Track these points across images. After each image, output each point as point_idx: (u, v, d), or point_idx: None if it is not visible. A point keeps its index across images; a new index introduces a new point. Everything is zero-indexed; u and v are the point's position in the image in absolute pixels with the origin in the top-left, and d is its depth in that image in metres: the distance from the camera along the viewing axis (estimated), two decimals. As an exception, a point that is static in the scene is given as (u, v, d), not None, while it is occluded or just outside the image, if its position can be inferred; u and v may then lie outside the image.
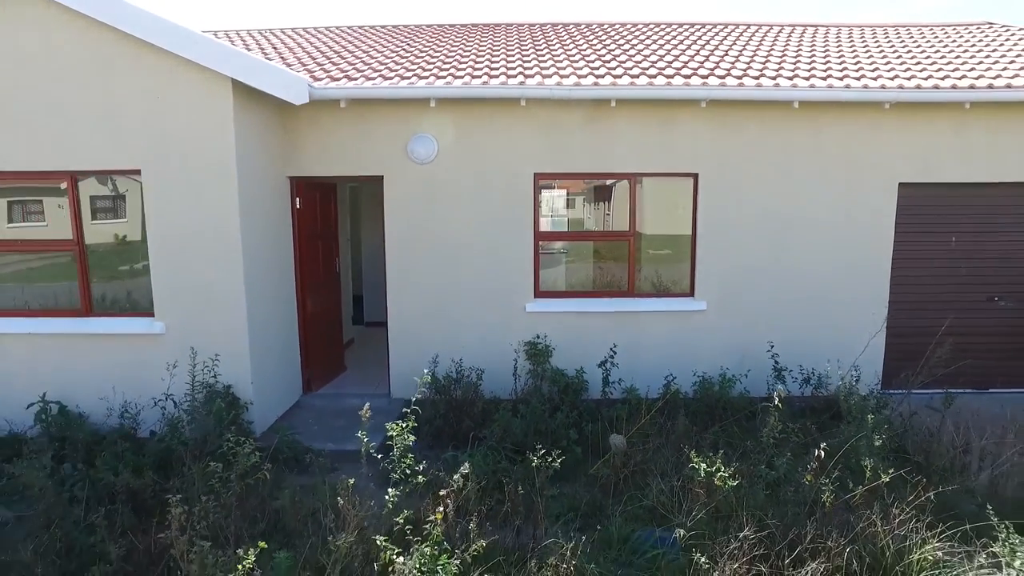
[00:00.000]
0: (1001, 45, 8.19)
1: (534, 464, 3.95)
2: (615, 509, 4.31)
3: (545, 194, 7.00)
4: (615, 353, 6.28)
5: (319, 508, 3.82)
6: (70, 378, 5.78)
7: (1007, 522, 3.62)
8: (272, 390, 6.24)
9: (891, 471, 4.00)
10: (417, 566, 2.87)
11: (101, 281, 6.01)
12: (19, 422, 5.69)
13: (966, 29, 9.42)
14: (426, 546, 2.97)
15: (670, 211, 7.05)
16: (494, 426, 5.38)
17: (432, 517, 3.19)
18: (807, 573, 3.33)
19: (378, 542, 3.10)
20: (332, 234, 7.84)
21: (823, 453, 4.04)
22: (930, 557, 3.51)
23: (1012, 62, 7.24)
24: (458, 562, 3.06)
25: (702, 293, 6.93)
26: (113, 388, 5.77)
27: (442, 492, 3.42)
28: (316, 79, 6.41)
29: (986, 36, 8.81)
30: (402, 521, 3.26)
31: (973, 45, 8.26)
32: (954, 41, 8.58)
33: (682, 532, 3.66)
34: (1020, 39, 8.52)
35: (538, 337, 6.77)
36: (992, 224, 7.05)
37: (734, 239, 6.85)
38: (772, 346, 6.65)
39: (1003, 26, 9.45)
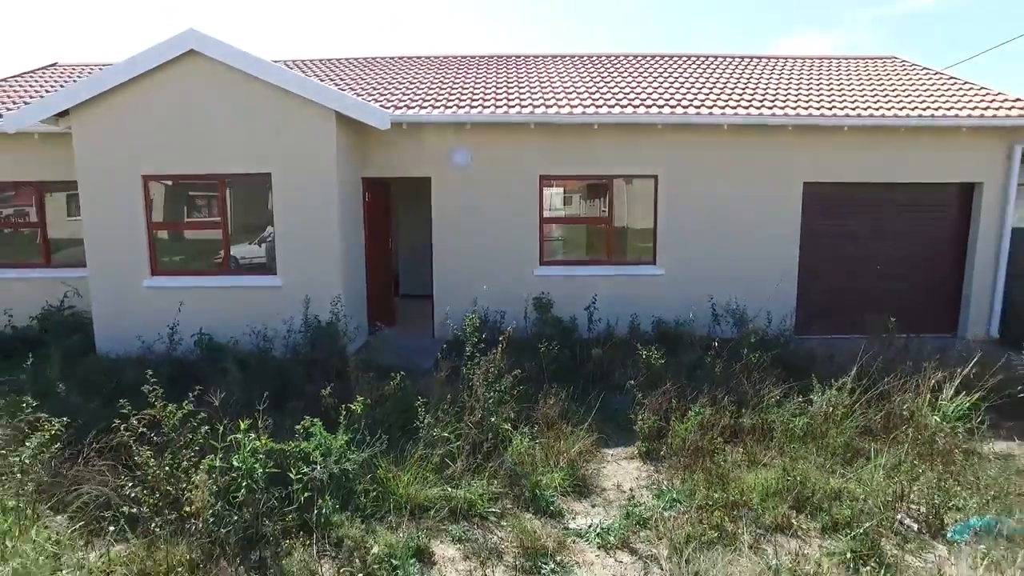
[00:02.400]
0: (888, 79, 10.81)
1: (541, 351, 6.56)
2: (593, 388, 6.86)
3: (547, 191, 9.61)
4: (595, 301, 8.85)
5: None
6: (219, 319, 8.30)
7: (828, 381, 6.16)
8: (354, 330, 8.81)
9: (758, 358, 6.59)
10: (485, 381, 5.47)
11: (239, 250, 8.60)
12: (182, 350, 8.19)
13: (872, 63, 12.02)
14: (492, 367, 5.56)
15: (641, 203, 9.67)
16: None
17: (494, 353, 5.73)
18: (698, 405, 5.90)
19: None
20: (387, 220, 10.44)
21: (716, 344, 6.65)
22: (775, 397, 6.09)
23: (885, 95, 9.87)
24: (508, 382, 5.64)
25: (661, 262, 9.56)
26: (248, 326, 8.31)
27: (500, 338, 5.99)
28: (386, 109, 9.00)
29: (884, 71, 11.43)
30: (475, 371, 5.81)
31: (870, 79, 10.87)
32: (856, 74, 11.17)
33: (631, 384, 6.20)
34: (910, 75, 11.14)
35: (543, 293, 9.36)
36: (871, 212, 9.69)
37: (684, 222, 9.47)
38: (711, 299, 9.23)
39: (903, 62, 12.08)
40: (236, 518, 4.07)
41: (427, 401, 5.52)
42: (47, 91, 10.71)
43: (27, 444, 4.28)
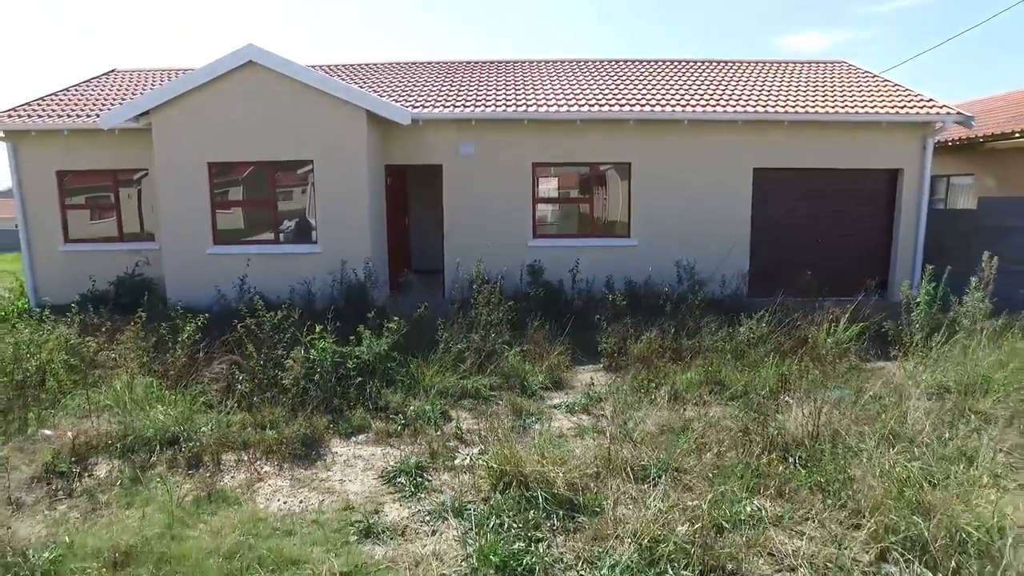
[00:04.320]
0: (832, 82, 12.65)
1: (531, 294, 8.43)
2: (572, 328, 8.70)
3: (541, 179, 11.49)
4: (578, 264, 10.69)
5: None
6: (269, 280, 10.15)
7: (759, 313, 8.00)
8: (379, 289, 10.68)
9: (700, 302, 8.45)
10: (487, 306, 7.35)
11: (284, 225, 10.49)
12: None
13: (823, 67, 13.86)
14: (493, 297, 7.43)
15: (618, 186, 11.55)
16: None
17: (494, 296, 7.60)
18: (649, 333, 7.74)
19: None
20: (404, 201, 12.33)
21: (672, 295, 8.52)
22: (711, 329, 7.93)
23: (825, 95, 11.72)
24: (504, 310, 7.51)
25: (635, 235, 11.43)
26: (292, 286, 10.17)
27: (499, 278, 7.87)
28: (405, 108, 10.88)
29: (831, 74, 13.27)
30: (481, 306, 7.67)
31: (816, 81, 12.71)
32: (805, 77, 13.01)
33: (598, 317, 8.06)
34: (852, 78, 12.98)
35: (535, 261, 11.21)
36: (812, 193, 11.55)
37: (654, 201, 11.34)
38: (676, 264, 11.06)
39: (850, 66, 13.92)
40: (315, 390, 5.95)
41: (444, 322, 7.41)
42: (111, 94, 12.62)
43: (181, 335, 6.17)
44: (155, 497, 4.39)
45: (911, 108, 11.01)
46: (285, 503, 4.43)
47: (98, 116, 11.07)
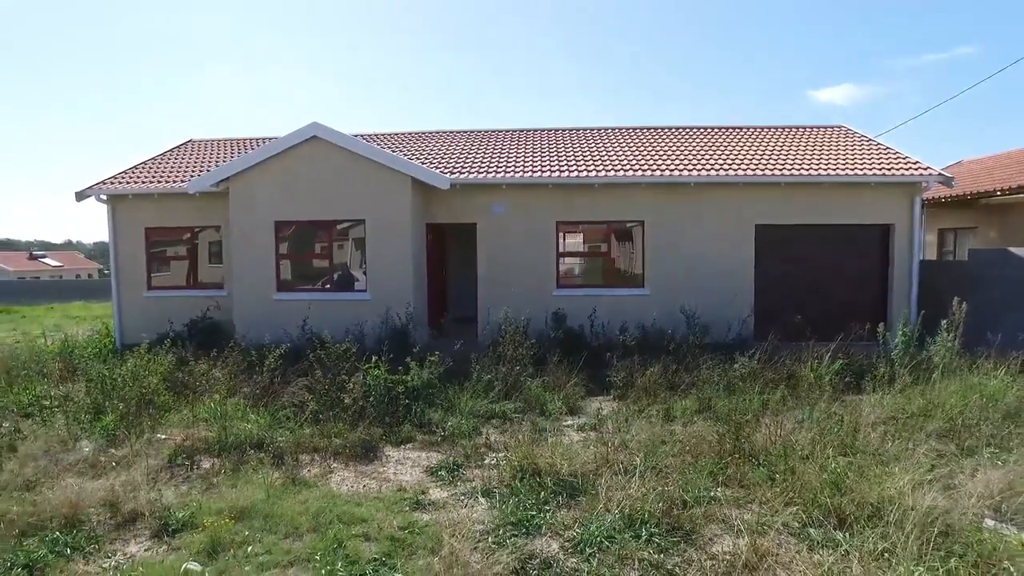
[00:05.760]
0: (829, 145, 13.94)
1: (552, 336, 9.71)
2: (588, 366, 9.90)
3: (564, 236, 12.91)
4: (595, 311, 11.95)
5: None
6: (323, 322, 11.62)
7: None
8: (419, 332, 12.08)
9: (700, 342, 9.62)
10: (513, 344, 8.65)
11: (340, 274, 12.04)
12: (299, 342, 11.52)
13: (821, 131, 15.17)
14: (518, 336, 8.73)
15: (633, 242, 12.88)
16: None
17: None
18: (653, 368, 8.92)
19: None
20: (443, 255, 13.85)
21: (677, 339, 9.71)
22: (710, 364, 9.07)
23: (821, 158, 13.00)
24: (528, 347, 8.80)
25: (648, 285, 12.70)
26: (345, 328, 11.61)
27: (523, 320, 9.18)
28: (444, 174, 12.48)
29: (828, 138, 14.57)
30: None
31: (814, 145, 14.01)
32: (803, 141, 14.32)
33: (609, 355, 9.27)
34: (848, 142, 14.27)
35: (559, 309, 12.51)
36: (811, 246, 12.72)
37: (665, 255, 12.63)
38: (684, 312, 12.24)
39: (847, 130, 15.22)
40: (371, 408, 7.28)
41: (477, 357, 8.73)
42: (190, 162, 14.57)
43: (265, 363, 7.61)
44: (252, 481, 5.72)
45: (898, 170, 12.22)
46: (352, 487, 5.73)
47: (181, 181, 12.93)
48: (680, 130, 15.75)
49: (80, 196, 12.89)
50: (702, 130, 15.69)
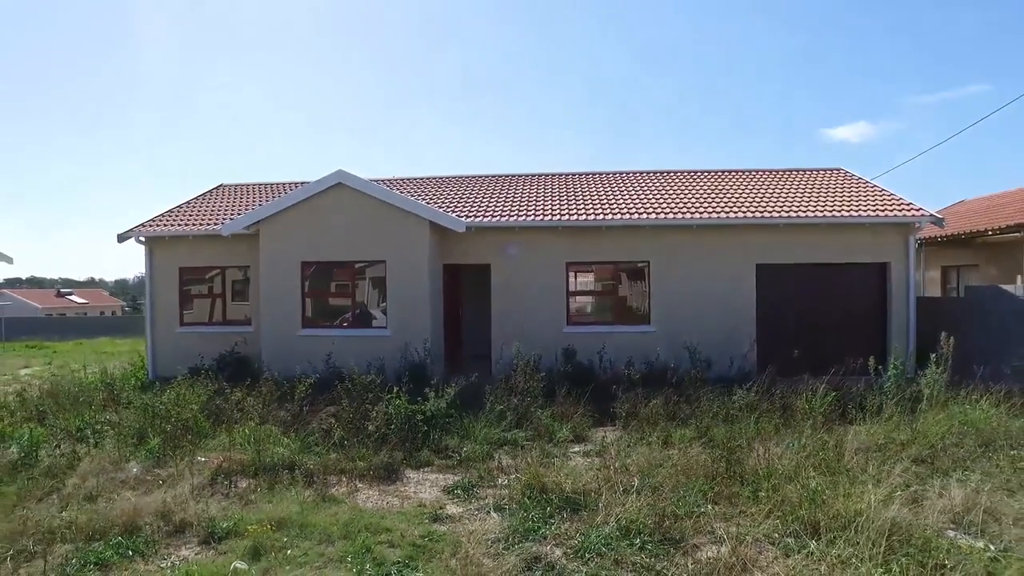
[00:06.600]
0: (827, 187, 14.60)
1: (561, 370, 10.31)
2: (596, 399, 10.45)
3: (573, 275, 13.60)
4: (604, 347, 12.55)
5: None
6: (346, 356, 12.29)
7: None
8: (436, 367, 12.71)
9: (701, 375, 10.17)
10: (524, 376, 9.25)
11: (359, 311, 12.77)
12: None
13: (820, 174, 15.86)
14: (528, 368, 9.34)
15: (639, 281, 13.54)
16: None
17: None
18: (656, 399, 9.46)
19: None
20: (458, 294, 14.57)
21: (679, 372, 10.28)
22: (710, 396, 9.60)
23: (819, 199, 13.65)
24: (538, 380, 9.39)
25: (654, 322, 13.29)
26: (366, 362, 12.27)
27: (533, 356, 9.78)
28: (460, 218, 13.27)
29: (827, 180, 15.24)
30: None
31: (813, 187, 14.67)
32: (803, 183, 14.99)
33: (614, 388, 9.83)
34: (846, 184, 14.92)
35: (569, 345, 13.11)
36: (811, 283, 13.28)
37: (669, 293, 13.24)
38: (687, 348, 12.79)
39: (845, 173, 15.89)
40: (392, 435, 7.90)
41: (490, 389, 9.34)
42: (222, 206, 15.51)
43: (296, 393, 8.28)
44: (286, 497, 6.33)
45: (892, 211, 12.84)
46: (377, 503, 6.33)
47: (212, 224, 13.83)
48: (683, 173, 16.52)
49: (121, 238, 13.82)
50: (705, 174, 16.44)
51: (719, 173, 16.44)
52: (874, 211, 12.93)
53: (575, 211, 13.53)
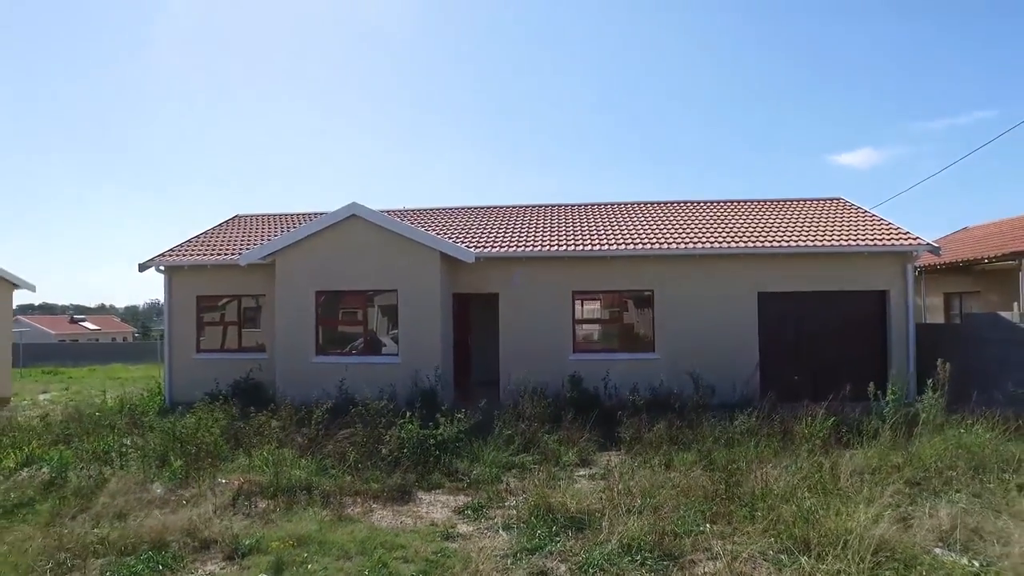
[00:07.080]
0: (827, 217, 14.97)
1: (568, 396, 10.62)
2: (601, 424, 10.74)
3: (579, 304, 13.96)
4: (608, 374, 12.84)
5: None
6: (358, 382, 12.64)
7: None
8: (446, 393, 13.03)
9: (703, 402, 10.45)
10: (531, 402, 9.57)
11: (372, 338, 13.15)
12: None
13: (820, 203, 16.24)
14: (536, 396, 9.66)
15: (644, 309, 13.88)
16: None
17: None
18: (659, 424, 9.75)
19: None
20: (468, 323, 14.94)
21: (681, 398, 10.57)
22: (712, 422, 9.88)
23: (817, 229, 14.01)
24: (543, 405, 9.71)
25: (658, 349, 13.60)
26: (378, 388, 12.61)
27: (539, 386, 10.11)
28: (468, 248, 13.70)
29: (827, 210, 15.62)
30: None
31: (813, 217, 15.04)
32: (803, 213, 15.38)
33: (620, 414, 10.12)
34: (845, 213, 15.29)
35: (575, 372, 13.42)
36: (812, 311, 13.58)
37: (673, 321, 13.57)
38: (691, 375, 13.06)
39: (846, 203, 16.27)
40: (405, 458, 8.22)
41: (499, 415, 9.66)
42: (238, 236, 16.02)
43: (313, 418, 8.63)
44: (304, 517, 6.65)
45: (889, 240, 13.18)
46: (391, 523, 6.64)
47: (229, 254, 14.31)
48: (686, 204, 16.96)
49: (142, 267, 14.31)
50: (707, 204, 16.87)
51: (722, 204, 16.87)
52: (872, 240, 13.27)
53: (581, 241, 13.95)
